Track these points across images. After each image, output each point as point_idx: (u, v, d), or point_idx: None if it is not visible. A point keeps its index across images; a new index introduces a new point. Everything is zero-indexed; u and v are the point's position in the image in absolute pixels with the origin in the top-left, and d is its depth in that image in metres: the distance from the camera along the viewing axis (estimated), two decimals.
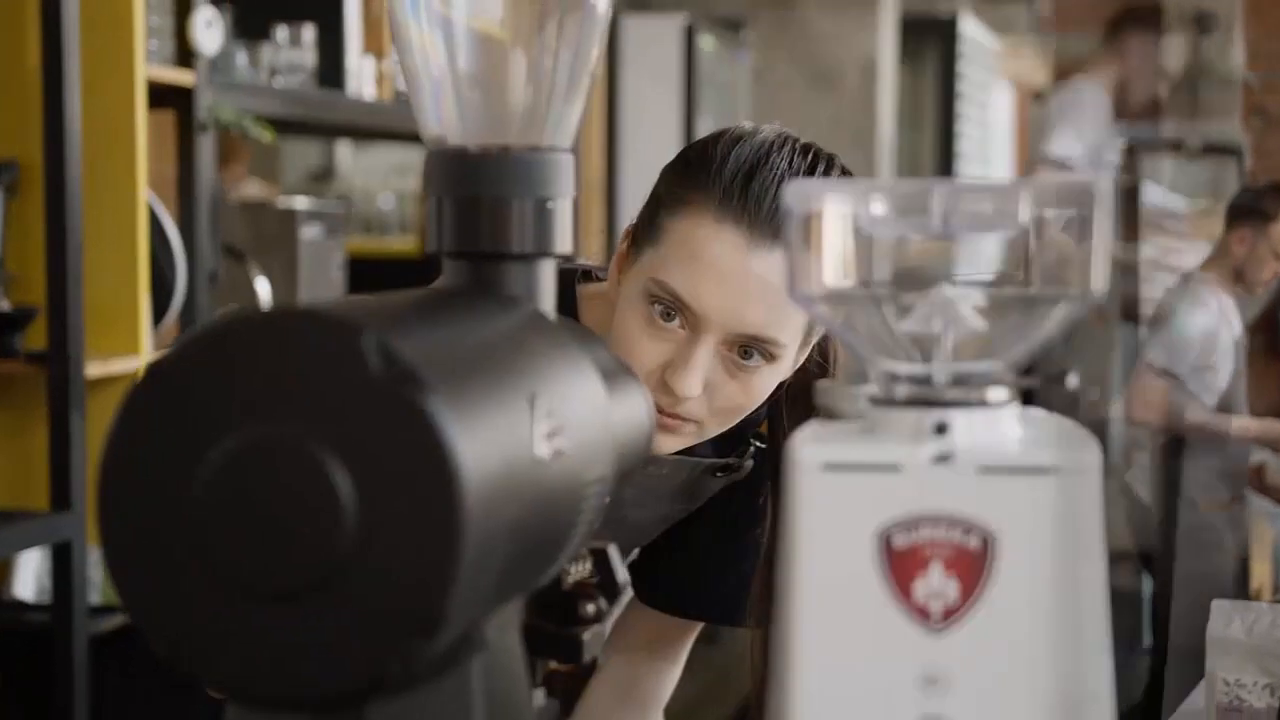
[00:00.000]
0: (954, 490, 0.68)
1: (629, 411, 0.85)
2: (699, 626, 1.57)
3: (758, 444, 1.44)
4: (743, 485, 1.44)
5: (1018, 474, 0.68)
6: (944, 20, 7.13)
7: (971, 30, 7.58)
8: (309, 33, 3.12)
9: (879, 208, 0.71)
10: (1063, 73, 10.04)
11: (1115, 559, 4.15)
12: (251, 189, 4.22)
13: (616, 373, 0.85)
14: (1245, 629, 1.78)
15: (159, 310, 2.66)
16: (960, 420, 0.69)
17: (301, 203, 3.22)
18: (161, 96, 2.70)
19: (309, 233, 3.09)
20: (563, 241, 0.83)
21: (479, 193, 0.81)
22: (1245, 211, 4.11)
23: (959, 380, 0.71)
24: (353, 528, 0.60)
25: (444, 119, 0.83)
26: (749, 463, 1.44)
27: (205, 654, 0.62)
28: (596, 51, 0.85)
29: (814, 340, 1.34)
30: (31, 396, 2.51)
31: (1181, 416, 4.13)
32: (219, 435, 0.62)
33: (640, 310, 1.27)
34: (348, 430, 0.61)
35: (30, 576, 2.67)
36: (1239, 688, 1.77)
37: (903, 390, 0.71)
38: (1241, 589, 4.03)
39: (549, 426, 0.70)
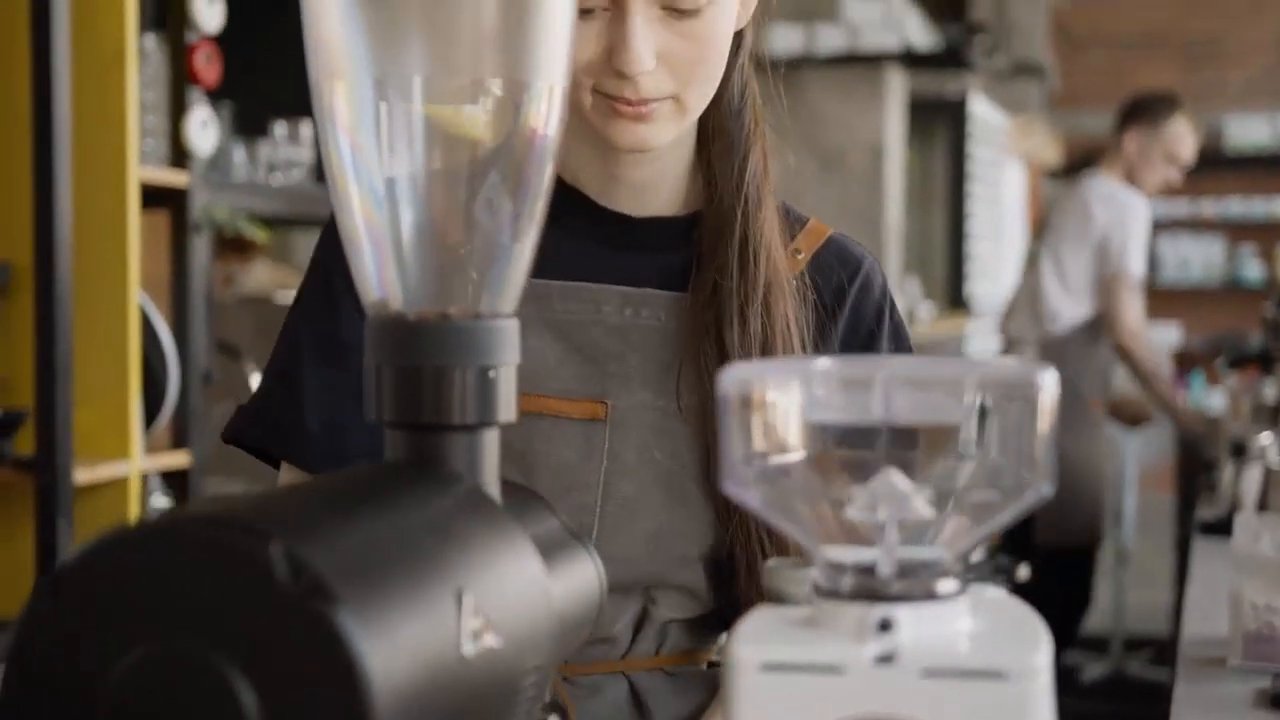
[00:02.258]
0: (897, 694, 0.65)
1: (574, 583, 0.82)
2: None
3: None
4: None
5: (964, 678, 0.65)
6: (953, 102, 7.14)
7: (981, 110, 7.59)
8: (307, 129, 3.12)
9: (819, 391, 0.68)
10: (1074, 151, 10.07)
11: None
12: (261, 273, 4.21)
13: (560, 543, 0.82)
14: (1276, 545, 1.60)
15: (151, 413, 2.64)
16: (906, 615, 0.66)
17: None
18: (156, 196, 2.69)
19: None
20: (507, 410, 0.81)
21: (420, 362, 0.79)
22: (1137, 112, 4.38)
23: (905, 570, 0.68)
24: None
25: (385, 284, 0.80)
26: None
27: None
28: (540, 211, 0.82)
29: None
30: (19, 503, 2.48)
31: (1148, 340, 4.35)
32: (123, 648, 0.59)
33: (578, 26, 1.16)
34: (254, 644, 0.58)
35: None
36: (1270, 612, 1.59)
37: (847, 582, 0.68)
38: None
39: (478, 622, 0.68)
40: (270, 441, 1.26)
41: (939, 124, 7.27)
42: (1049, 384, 0.66)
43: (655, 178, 1.27)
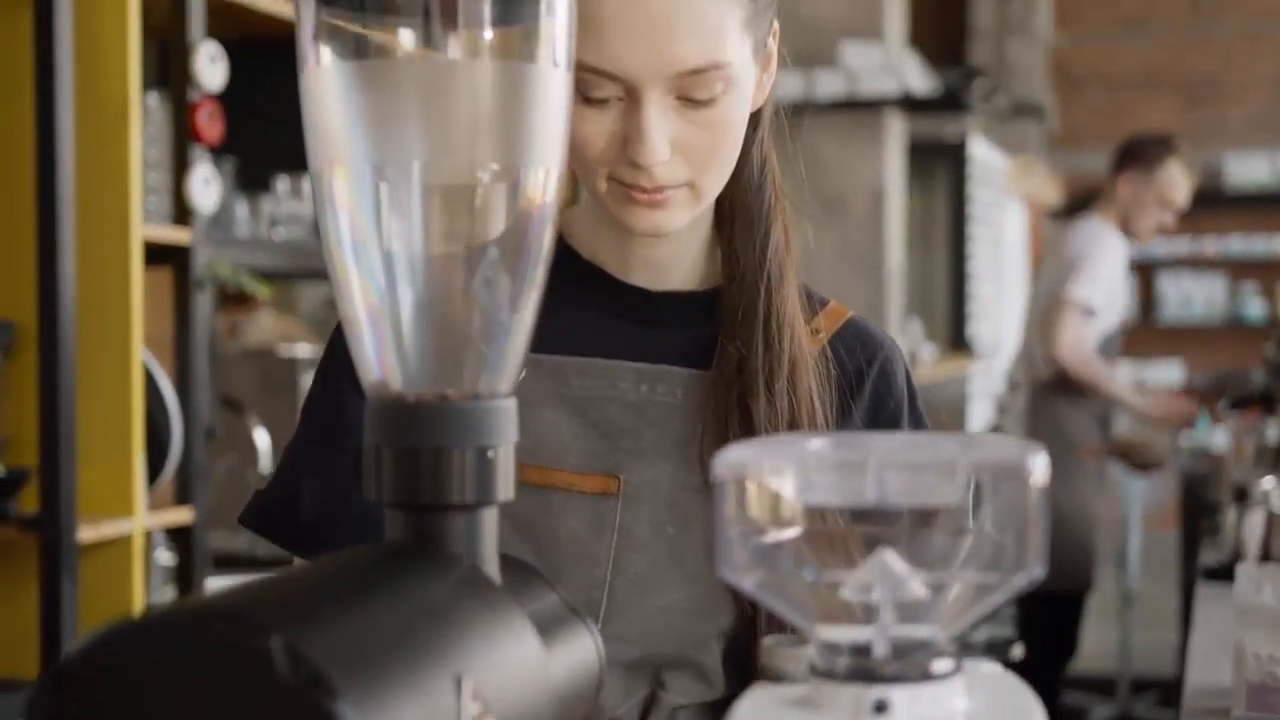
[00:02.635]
0: None
1: (573, 660, 0.83)
2: None
3: None
4: None
5: None
6: (953, 144, 7.17)
7: (981, 152, 7.62)
8: (309, 184, 3.14)
9: (813, 476, 0.69)
10: (1074, 191, 10.11)
11: None
12: (266, 322, 4.22)
13: (559, 619, 0.83)
14: (1278, 595, 1.62)
15: (155, 469, 2.65)
16: (901, 697, 0.67)
17: (304, 350, 3.22)
18: (159, 253, 2.71)
19: (311, 380, 3.08)
20: (505, 489, 0.81)
21: (419, 443, 0.79)
22: (1131, 156, 4.38)
23: (901, 650, 0.69)
24: None
25: (384, 366, 0.81)
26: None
27: None
28: (538, 290, 0.83)
29: (769, 40, 1.22)
30: (23, 561, 2.49)
31: (1093, 357, 4.30)
32: None
33: (575, 112, 1.14)
34: None
35: None
36: (1273, 663, 1.59)
37: (842, 662, 0.69)
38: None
39: (476, 708, 0.68)
40: (271, 530, 1.29)
41: (939, 166, 7.31)
42: (1039, 466, 0.67)
43: (673, 255, 1.27)
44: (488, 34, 0.80)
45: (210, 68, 2.71)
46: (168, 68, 2.79)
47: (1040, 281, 4.63)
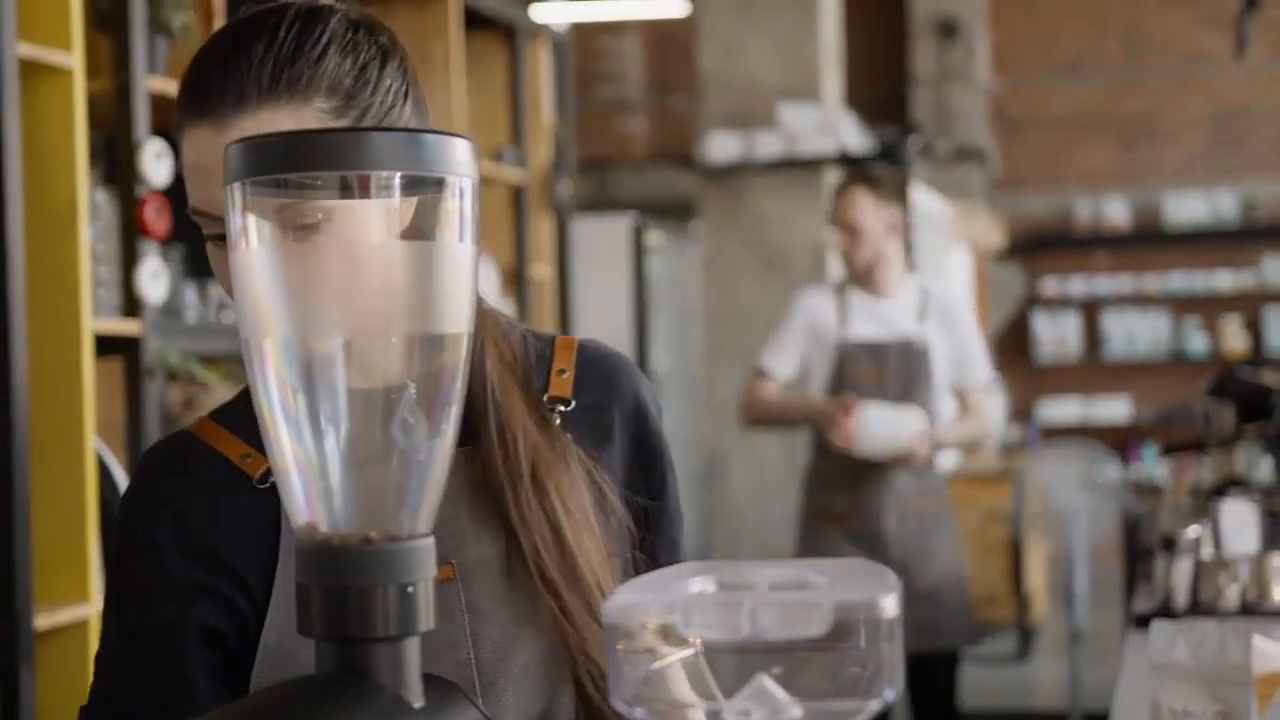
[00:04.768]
0: None
1: None
2: None
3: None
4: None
5: None
6: None
7: (923, 200, 7.75)
8: None
9: (695, 617, 0.78)
10: (1017, 232, 10.26)
11: None
12: (221, 396, 4.27)
13: None
14: (1191, 651, 1.67)
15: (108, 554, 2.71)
16: None
17: None
18: (109, 344, 2.78)
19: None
20: (426, 620, 0.89)
21: (345, 582, 0.87)
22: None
23: None
24: None
25: (312, 510, 0.90)
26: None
27: None
28: (451, 438, 0.92)
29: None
30: None
31: (755, 398, 4.12)
32: None
33: (208, 251, 1.21)
34: None
35: None
36: (1187, 717, 1.66)
37: None
38: None
39: None
40: None
41: None
42: (890, 605, 0.76)
43: None
44: (397, 205, 0.88)
45: (156, 164, 2.79)
46: (115, 165, 2.87)
47: None
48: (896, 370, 4.11)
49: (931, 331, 4.13)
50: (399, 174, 0.87)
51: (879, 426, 3.91)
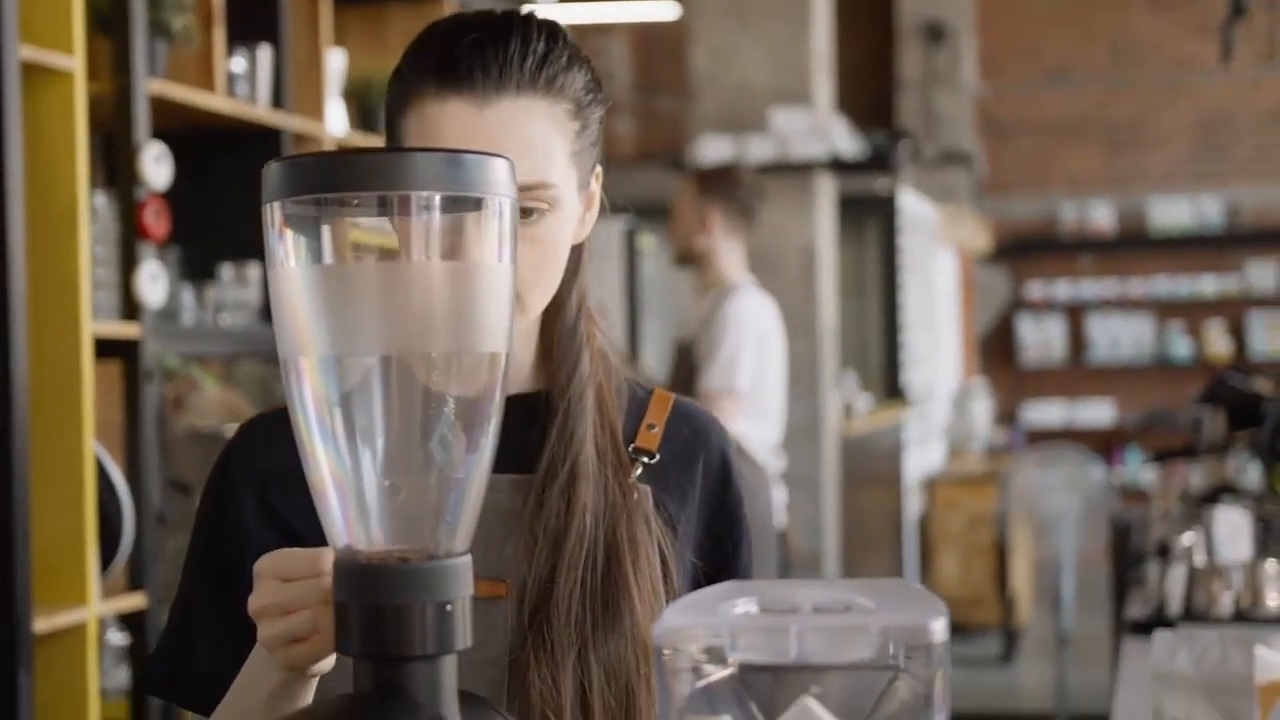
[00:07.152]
0: None
1: None
2: None
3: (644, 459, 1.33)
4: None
5: None
6: (883, 197, 7.32)
7: (910, 203, 7.77)
8: (253, 270, 3.22)
9: (741, 640, 0.78)
10: (1003, 235, 10.29)
11: None
12: (212, 395, 4.26)
13: None
14: (1193, 660, 1.67)
15: (108, 557, 2.70)
16: None
17: None
18: (108, 346, 2.77)
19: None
20: (464, 638, 0.90)
21: (383, 601, 0.88)
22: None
23: None
24: None
25: (350, 531, 0.90)
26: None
27: None
28: (489, 456, 0.92)
29: (593, 181, 1.28)
30: None
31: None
32: None
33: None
34: None
35: None
36: None
37: None
38: None
39: None
40: (172, 694, 1.29)
41: (869, 219, 7.44)
42: (940, 629, 0.76)
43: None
44: (437, 226, 0.88)
45: (155, 167, 2.78)
46: (115, 168, 2.86)
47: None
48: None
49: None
50: (439, 194, 0.87)
51: None
